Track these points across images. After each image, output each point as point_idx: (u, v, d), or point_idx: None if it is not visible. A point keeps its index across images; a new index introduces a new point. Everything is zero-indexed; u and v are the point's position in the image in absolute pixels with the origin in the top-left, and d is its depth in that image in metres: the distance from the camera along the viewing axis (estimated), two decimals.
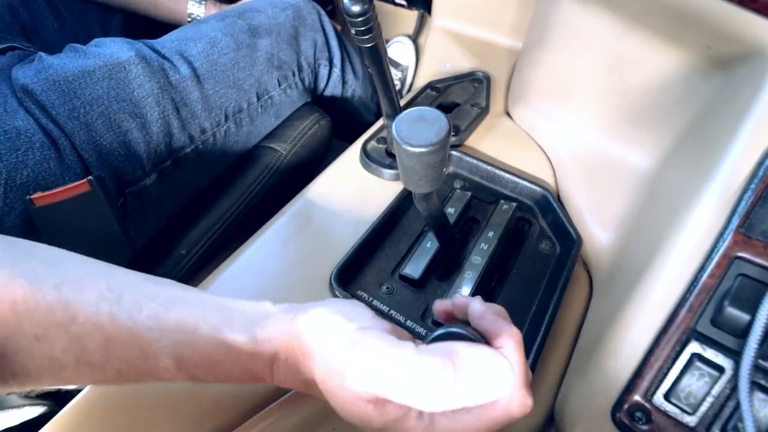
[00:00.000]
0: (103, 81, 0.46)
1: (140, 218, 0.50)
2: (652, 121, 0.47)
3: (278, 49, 0.61)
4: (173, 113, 0.51)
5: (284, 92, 0.64)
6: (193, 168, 0.56)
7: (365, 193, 0.56)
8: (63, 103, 0.44)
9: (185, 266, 0.56)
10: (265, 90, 0.61)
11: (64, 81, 0.44)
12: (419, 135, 0.29)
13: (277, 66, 0.61)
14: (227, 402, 0.39)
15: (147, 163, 0.49)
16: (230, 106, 0.57)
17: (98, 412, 0.39)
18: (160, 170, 0.51)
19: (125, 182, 0.48)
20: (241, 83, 0.58)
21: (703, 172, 0.35)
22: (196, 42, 0.54)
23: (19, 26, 0.60)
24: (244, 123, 0.60)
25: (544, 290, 0.47)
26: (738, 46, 0.38)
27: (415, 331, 0.43)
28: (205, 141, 0.56)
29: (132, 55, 0.48)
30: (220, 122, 0.57)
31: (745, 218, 0.31)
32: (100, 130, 0.45)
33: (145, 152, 0.49)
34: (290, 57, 0.63)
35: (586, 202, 0.51)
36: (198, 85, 0.53)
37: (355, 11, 0.36)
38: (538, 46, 0.60)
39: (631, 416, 0.30)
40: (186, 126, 0.53)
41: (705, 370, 0.29)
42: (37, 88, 0.43)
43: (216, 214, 0.58)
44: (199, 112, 0.53)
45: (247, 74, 0.58)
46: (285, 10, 0.63)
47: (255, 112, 0.61)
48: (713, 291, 0.30)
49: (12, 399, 0.45)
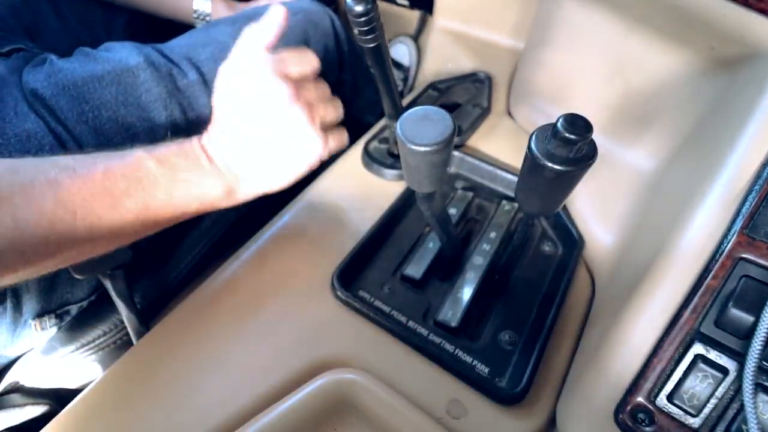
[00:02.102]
0: (112, 86, 0.46)
1: None
2: (655, 122, 0.47)
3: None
4: (181, 118, 0.51)
5: None
6: None
7: (367, 193, 0.56)
8: (72, 108, 0.44)
9: (186, 266, 0.56)
10: None
11: (73, 86, 0.45)
12: (423, 134, 0.29)
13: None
14: (227, 402, 0.39)
15: None
16: None
17: (99, 412, 0.39)
18: None
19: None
20: None
21: (707, 173, 0.35)
22: (205, 47, 0.54)
23: (22, 28, 0.60)
24: None
25: (546, 291, 0.47)
26: (742, 47, 0.38)
27: (416, 332, 0.43)
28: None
29: (141, 60, 0.48)
30: None
31: (749, 219, 0.31)
32: (108, 133, 0.45)
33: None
34: None
35: (588, 203, 0.51)
36: (206, 90, 0.53)
37: (358, 11, 0.36)
38: (540, 46, 0.59)
39: (634, 418, 0.30)
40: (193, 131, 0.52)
41: (709, 372, 0.29)
42: (47, 93, 0.43)
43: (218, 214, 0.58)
44: (208, 117, 0.53)
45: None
46: (295, 15, 0.63)
47: None
48: (717, 292, 0.30)
49: (14, 398, 0.45)
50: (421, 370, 0.41)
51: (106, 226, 0.33)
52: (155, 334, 0.44)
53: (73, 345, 0.48)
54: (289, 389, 0.38)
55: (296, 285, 0.47)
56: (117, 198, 0.33)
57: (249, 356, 0.42)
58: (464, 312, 0.44)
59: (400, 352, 0.42)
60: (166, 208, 0.36)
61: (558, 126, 0.27)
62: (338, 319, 0.44)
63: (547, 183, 0.30)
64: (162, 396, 0.39)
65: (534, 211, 0.35)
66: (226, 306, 0.45)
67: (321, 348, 0.42)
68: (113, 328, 0.49)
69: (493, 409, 0.38)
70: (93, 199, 0.32)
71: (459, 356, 0.41)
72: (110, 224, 0.34)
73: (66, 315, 0.47)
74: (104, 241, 0.35)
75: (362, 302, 0.44)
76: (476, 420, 0.38)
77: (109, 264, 0.42)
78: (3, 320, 0.41)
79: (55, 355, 0.47)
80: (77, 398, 0.40)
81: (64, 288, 0.45)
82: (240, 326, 0.44)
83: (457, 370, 0.40)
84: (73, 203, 0.31)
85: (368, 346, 0.42)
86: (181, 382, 0.40)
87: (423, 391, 0.39)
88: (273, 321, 0.44)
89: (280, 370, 0.40)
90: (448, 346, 0.42)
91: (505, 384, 0.40)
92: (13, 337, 0.43)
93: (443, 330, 0.44)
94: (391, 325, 0.43)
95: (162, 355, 0.42)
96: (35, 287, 0.42)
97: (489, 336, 0.43)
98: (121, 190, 0.34)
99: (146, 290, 0.52)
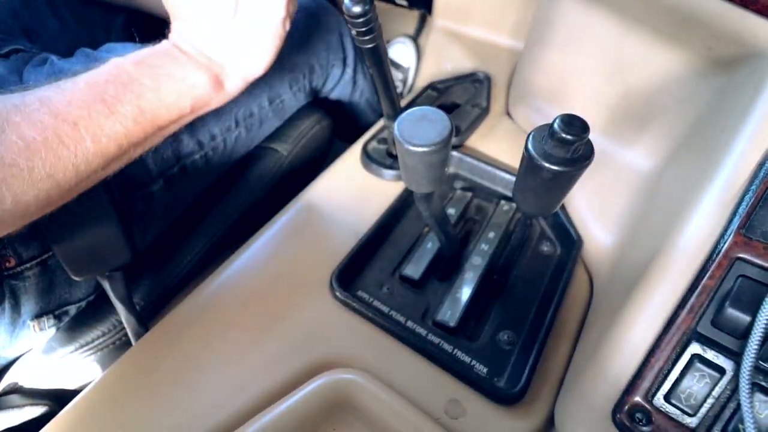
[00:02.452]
0: None
1: (146, 223, 0.50)
2: (653, 122, 0.47)
3: (290, 51, 0.60)
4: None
5: (294, 95, 0.63)
6: (201, 174, 0.55)
7: (366, 193, 0.56)
8: None
9: (187, 266, 0.56)
10: (277, 94, 0.60)
11: None
12: (422, 134, 0.29)
13: (288, 69, 0.61)
14: (226, 403, 0.39)
15: (153, 168, 0.49)
16: (240, 112, 0.57)
17: (98, 413, 0.39)
18: (167, 176, 0.51)
19: (131, 186, 0.48)
20: (252, 87, 0.57)
21: (704, 173, 0.35)
22: None
23: (21, 28, 0.60)
24: (254, 128, 0.60)
25: (545, 291, 0.47)
26: (739, 47, 0.38)
27: (415, 332, 0.43)
28: (215, 147, 0.55)
29: None
30: (230, 128, 0.56)
31: (745, 219, 0.31)
32: None
33: (151, 157, 0.49)
34: (302, 59, 0.62)
35: (586, 203, 0.51)
36: None
37: (356, 12, 0.36)
38: (539, 46, 0.59)
39: (632, 417, 0.30)
40: (195, 131, 0.52)
41: (706, 372, 0.29)
42: None
43: (217, 215, 0.58)
44: (209, 117, 0.53)
45: (258, 78, 0.58)
46: (298, 12, 0.63)
47: (265, 116, 0.60)
48: (714, 292, 0.30)
49: (13, 399, 0.45)
50: (419, 370, 0.41)
51: (110, 136, 0.34)
52: (154, 334, 0.44)
53: (72, 345, 0.48)
54: (287, 389, 0.38)
55: (295, 285, 0.47)
56: (110, 105, 0.34)
57: (248, 357, 0.42)
58: (463, 312, 0.44)
59: (399, 352, 0.42)
60: (160, 109, 0.37)
61: (555, 126, 0.27)
62: (337, 319, 0.44)
63: (545, 183, 0.30)
64: (161, 397, 0.39)
65: (532, 211, 0.35)
66: (225, 307, 0.45)
67: (319, 348, 0.42)
68: (112, 329, 0.49)
69: (492, 409, 0.38)
70: (87, 108, 0.33)
71: (458, 356, 0.41)
72: (114, 134, 0.35)
73: (65, 315, 0.47)
74: (115, 153, 0.35)
75: (361, 302, 0.44)
76: (475, 420, 0.38)
77: (107, 265, 0.42)
78: (1, 321, 0.41)
79: (54, 356, 0.47)
80: (76, 399, 0.40)
81: (63, 288, 0.45)
82: (238, 326, 0.44)
83: (456, 370, 0.40)
84: (70, 115, 0.32)
85: (367, 346, 0.42)
86: (180, 383, 0.40)
87: (422, 391, 0.39)
88: (272, 321, 0.44)
89: (278, 370, 0.41)
90: (447, 346, 0.42)
91: (504, 384, 0.40)
92: (11, 337, 0.43)
93: (442, 330, 0.44)
94: (390, 325, 0.43)
95: (161, 356, 0.42)
96: (34, 288, 0.42)
97: (487, 336, 0.43)
98: (110, 95, 0.35)
99: (145, 291, 0.52)
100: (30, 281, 0.42)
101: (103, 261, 0.41)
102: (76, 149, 0.32)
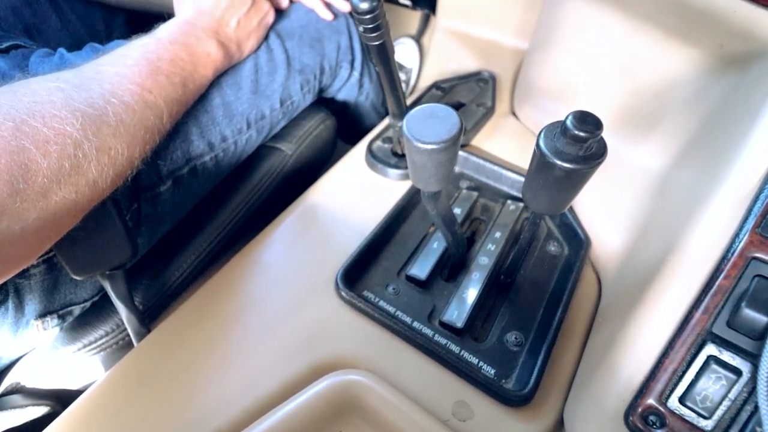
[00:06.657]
0: None
1: (154, 224, 0.50)
2: (663, 120, 0.47)
3: (301, 53, 0.60)
4: (192, 119, 0.50)
5: (303, 96, 0.63)
6: (210, 176, 0.55)
7: (371, 193, 0.56)
8: None
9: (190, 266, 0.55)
10: (289, 95, 0.60)
11: None
12: (431, 132, 0.28)
13: (299, 70, 0.60)
14: (230, 404, 0.38)
15: (162, 168, 0.49)
16: (252, 113, 0.56)
17: (100, 414, 0.38)
18: (176, 177, 0.50)
19: (140, 187, 0.47)
20: (264, 89, 0.57)
21: (717, 171, 0.34)
22: None
23: (23, 26, 0.60)
24: (264, 130, 0.59)
25: (553, 292, 0.46)
26: (751, 44, 0.37)
27: (422, 332, 0.43)
28: (226, 149, 0.55)
29: None
30: (242, 130, 0.56)
31: (761, 218, 0.30)
32: None
33: (161, 157, 0.48)
34: (313, 60, 0.62)
35: (594, 203, 0.51)
36: (219, 91, 0.52)
37: (364, 8, 0.36)
38: (544, 45, 0.59)
39: (645, 420, 0.30)
40: (205, 132, 0.52)
41: (722, 373, 0.28)
42: None
43: (222, 214, 0.58)
44: (220, 118, 0.52)
45: (270, 79, 0.57)
46: (309, 13, 0.62)
47: (276, 118, 0.60)
48: (729, 292, 0.30)
49: (15, 399, 0.45)
50: (426, 371, 0.40)
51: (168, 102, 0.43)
52: (157, 334, 0.43)
53: (75, 345, 0.47)
54: (293, 390, 0.37)
55: (300, 285, 0.47)
56: (168, 75, 0.43)
57: (252, 357, 0.41)
58: (470, 312, 0.43)
59: (405, 353, 0.41)
60: (200, 80, 0.48)
61: (567, 123, 0.26)
62: (342, 319, 0.44)
63: (556, 181, 0.29)
64: (165, 397, 0.39)
65: (541, 210, 0.34)
66: (228, 306, 0.45)
67: (325, 349, 0.42)
68: (115, 329, 0.49)
69: (500, 411, 0.38)
70: (154, 78, 0.41)
71: (465, 357, 0.41)
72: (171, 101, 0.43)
73: (68, 315, 0.47)
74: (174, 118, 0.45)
75: (367, 302, 0.44)
76: (483, 422, 0.37)
77: (107, 264, 0.41)
78: (5, 320, 0.41)
79: (57, 356, 0.47)
80: (79, 399, 0.39)
81: (67, 288, 0.45)
82: (243, 327, 0.43)
83: (463, 371, 0.39)
84: (145, 84, 0.40)
85: (373, 346, 0.42)
86: (183, 384, 0.40)
87: (428, 392, 0.39)
88: (276, 321, 0.44)
89: (283, 371, 0.40)
90: (454, 347, 0.42)
91: (512, 385, 0.39)
92: (14, 337, 0.43)
93: (449, 331, 0.43)
94: (396, 325, 0.42)
95: (164, 356, 0.42)
96: (38, 287, 0.42)
97: (495, 337, 0.43)
98: (165, 69, 0.43)
99: (148, 291, 0.52)
100: (35, 279, 0.41)
101: (103, 259, 0.41)
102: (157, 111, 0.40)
